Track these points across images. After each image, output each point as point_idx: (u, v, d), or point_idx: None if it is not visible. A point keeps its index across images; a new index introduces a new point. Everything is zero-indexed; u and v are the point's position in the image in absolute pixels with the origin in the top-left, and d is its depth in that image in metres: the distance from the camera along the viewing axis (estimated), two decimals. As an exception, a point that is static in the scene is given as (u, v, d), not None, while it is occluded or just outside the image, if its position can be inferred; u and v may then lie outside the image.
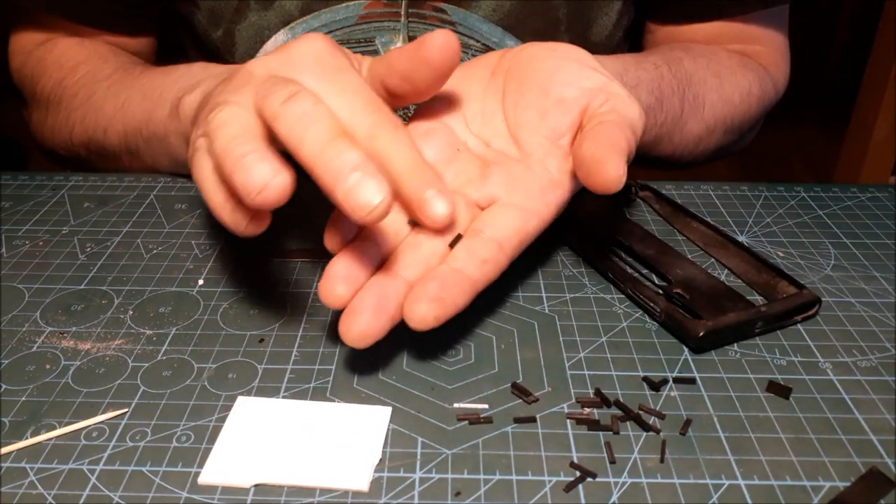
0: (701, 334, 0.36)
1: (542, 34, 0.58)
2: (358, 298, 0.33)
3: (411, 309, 0.33)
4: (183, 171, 0.53)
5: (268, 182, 0.30)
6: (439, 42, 0.36)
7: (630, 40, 0.65)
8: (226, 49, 0.60)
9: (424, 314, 0.32)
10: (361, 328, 0.32)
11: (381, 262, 0.35)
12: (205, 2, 0.59)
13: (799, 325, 0.38)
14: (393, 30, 0.57)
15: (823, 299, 0.40)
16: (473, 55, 0.56)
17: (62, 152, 0.60)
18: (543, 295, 0.41)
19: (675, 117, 0.54)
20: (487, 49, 0.57)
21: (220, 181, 0.34)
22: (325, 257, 0.44)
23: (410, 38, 0.57)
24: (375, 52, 0.56)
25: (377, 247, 0.35)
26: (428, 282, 0.33)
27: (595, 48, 0.59)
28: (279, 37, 0.57)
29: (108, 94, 0.55)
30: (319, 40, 0.38)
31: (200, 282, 0.42)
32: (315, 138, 0.31)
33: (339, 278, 0.34)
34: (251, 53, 0.58)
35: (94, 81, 0.56)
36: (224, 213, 0.34)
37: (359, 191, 0.30)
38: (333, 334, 0.38)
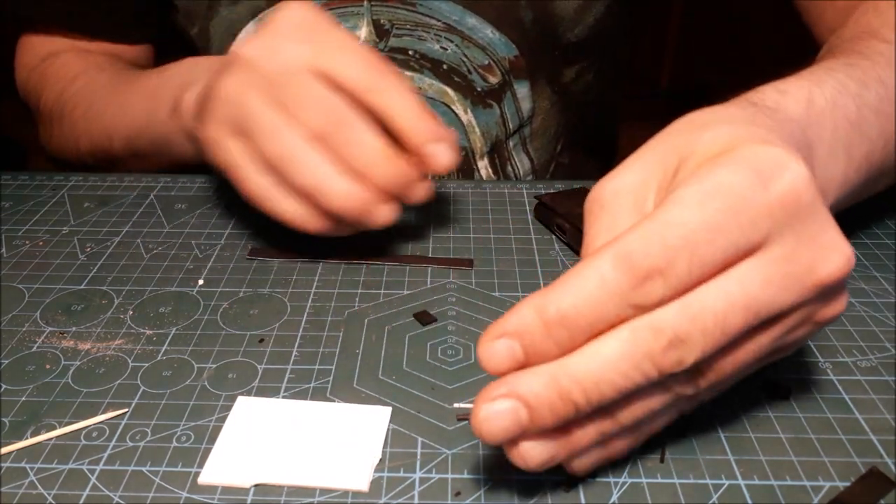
0: None
1: (502, 10, 0.58)
2: None
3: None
4: (189, 166, 0.53)
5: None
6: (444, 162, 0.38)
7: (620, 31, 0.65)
8: (202, 45, 0.61)
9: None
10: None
11: None
12: (181, 2, 0.60)
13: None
14: (357, 14, 0.58)
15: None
16: (435, 35, 0.57)
17: (74, 162, 0.61)
18: (543, 295, 0.41)
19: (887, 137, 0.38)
20: (449, 28, 0.57)
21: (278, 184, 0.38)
22: (325, 258, 0.44)
23: (374, 22, 0.58)
24: None
25: None
26: None
27: (562, 22, 0.59)
28: (249, 27, 0.59)
29: (107, 101, 0.56)
30: (296, 6, 0.39)
31: (200, 282, 0.42)
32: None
33: None
34: (225, 47, 0.60)
35: (91, 91, 0.57)
36: (298, 218, 0.39)
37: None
38: (334, 334, 0.38)
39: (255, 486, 0.29)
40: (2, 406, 0.33)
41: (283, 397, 0.34)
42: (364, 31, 0.57)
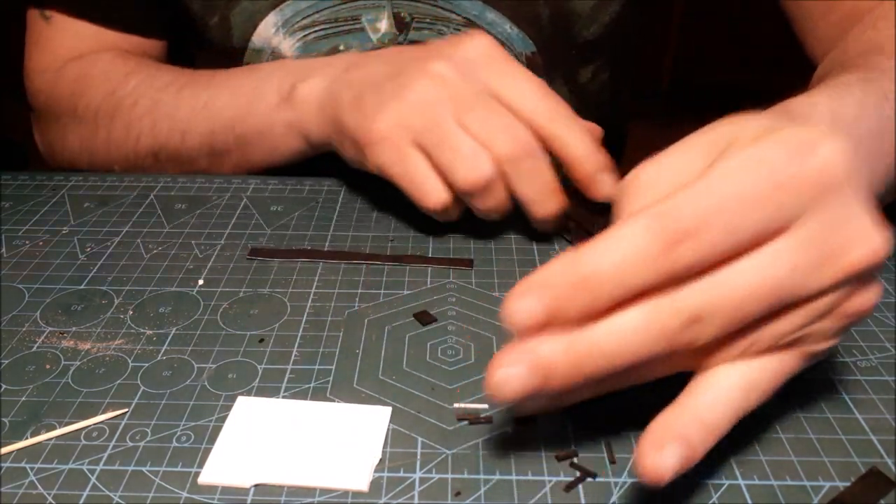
0: None
1: (520, 6, 0.58)
2: None
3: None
4: (278, 165, 0.53)
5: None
6: None
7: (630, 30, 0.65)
8: (222, 35, 0.60)
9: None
10: None
11: None
12: None
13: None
14: (378, 7, 0.58)
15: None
16: (454, 29, 0.57)
17: (118, 166, 0.58)
18: (543, 295, 0.41)
19: None
20: (468, 22, 0.58)
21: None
22: (325, 258, 0.44)
23: (395, 15, 0.58)
24: (362, 30, 0.57)
25: None
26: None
27: (578, 20, 0.59)
28: (269, 19, 0.58)
29: (179, 97, 0.55)
30: (486, 37, 0.44)
31: (200, 282, 0.42)
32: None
33: None
34: (246, 37, 0.59)
35: (154, 89, 0.56)
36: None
37: None
38: (334, 334, 0.38)
39: (255, 486, 0.29)
40: (2, 406, 0.33)
41: (283, 397, 0.34)
42: (384, 23, 0.57)
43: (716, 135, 0.28)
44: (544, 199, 0.42)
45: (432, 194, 0.42)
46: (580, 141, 0.42)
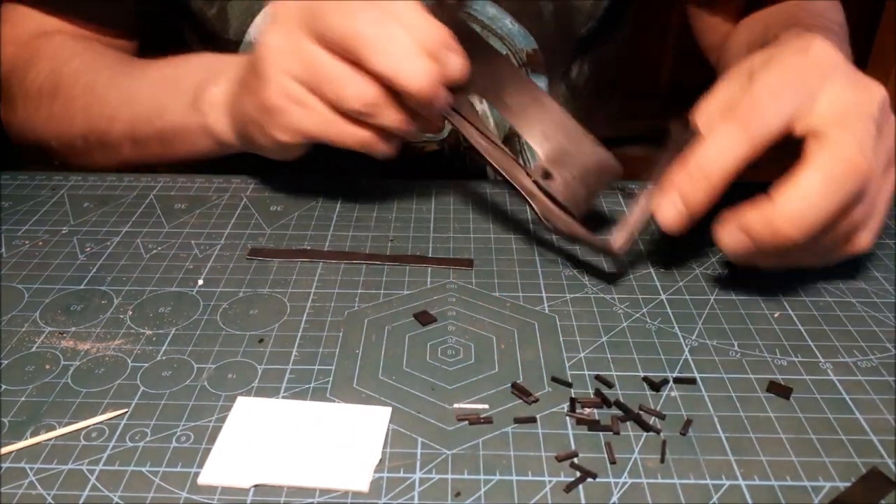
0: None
1: (523, 1, 0.59)
2: None
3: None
4: (204, 159, 0.53)
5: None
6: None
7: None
8: (220, 26, 0.60)
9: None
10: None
11: None
12: None
13: (799, 326, 0.39)
14: None
15: (824, 299, 0.41)
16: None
17: (53, 143, 0.59)
18: (543, 295, 0.41)
19: None
20: (470, 17, 0.57)
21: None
22: (325, 258, 0.44)
23: None
24: None
25: None
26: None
27: (578, 17, 0.60)
28: (268, 10, 0.58)
29: (111, 83, 0.55)
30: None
31: (200, 282, 0.42)
32: None
33: None
34: (242, 29, 0.59)
35: (93, 71, 0.56)
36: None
37: None
38: (333, 334, 0.38)
39: (255, 486, 0.29)
40: (2, 406, 0.33)
41: (283, 397, 0.34)
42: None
43: (738, 70, 0.40)
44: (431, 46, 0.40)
45: (312, 116, 0.42)
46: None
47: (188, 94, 0.50)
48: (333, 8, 0.40)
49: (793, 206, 0.35)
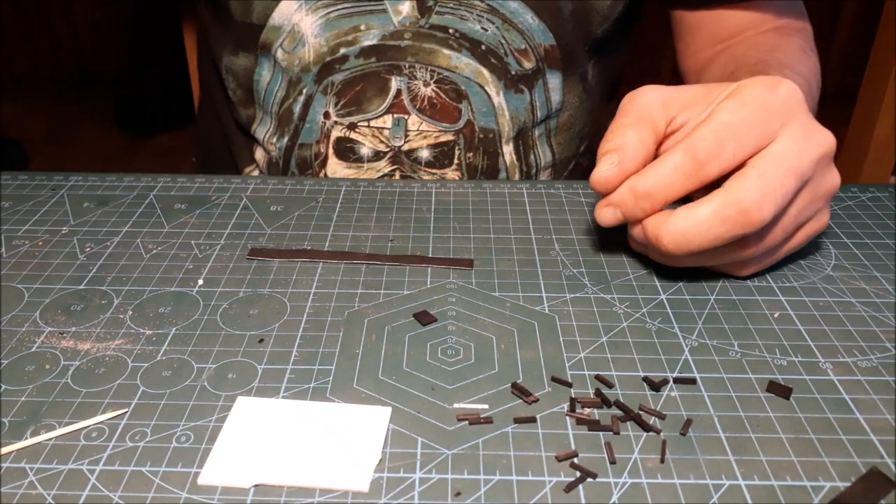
0: None
1: None
2: None
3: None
4: None
5: None
6: None
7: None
8: (243, 10, 0.60)
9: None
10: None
11: None
12: None
13: (799, 326, 0.39)
14: None
15: (824, 299, 0.41)
16: (477, 15, 0.57)
17: None
18: (543, 295, 0.41)
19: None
20: (491, 10, 0.58)
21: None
22: (325, 258, 0.44)
23: None
24: (384, 12, 0.57)
25: None
26: None
27: (596, 17, 0.61)
28: (291, 3, 0.58)
29: None
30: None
31: (200, 282, 0.42)
32: None
33: None
34: (267, 13, 0.59)
35: None
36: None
37: None
38: (333, 334, 0.38)
39: (255, 486, 0.29)
40: (2, 406, 0.33)
41: (283, 397, 0.34)
42: (406, 6, 0.57)
43: (704, 89, 0.41)
44: None
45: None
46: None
47: None
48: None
49: (679, 224, 0.38)
